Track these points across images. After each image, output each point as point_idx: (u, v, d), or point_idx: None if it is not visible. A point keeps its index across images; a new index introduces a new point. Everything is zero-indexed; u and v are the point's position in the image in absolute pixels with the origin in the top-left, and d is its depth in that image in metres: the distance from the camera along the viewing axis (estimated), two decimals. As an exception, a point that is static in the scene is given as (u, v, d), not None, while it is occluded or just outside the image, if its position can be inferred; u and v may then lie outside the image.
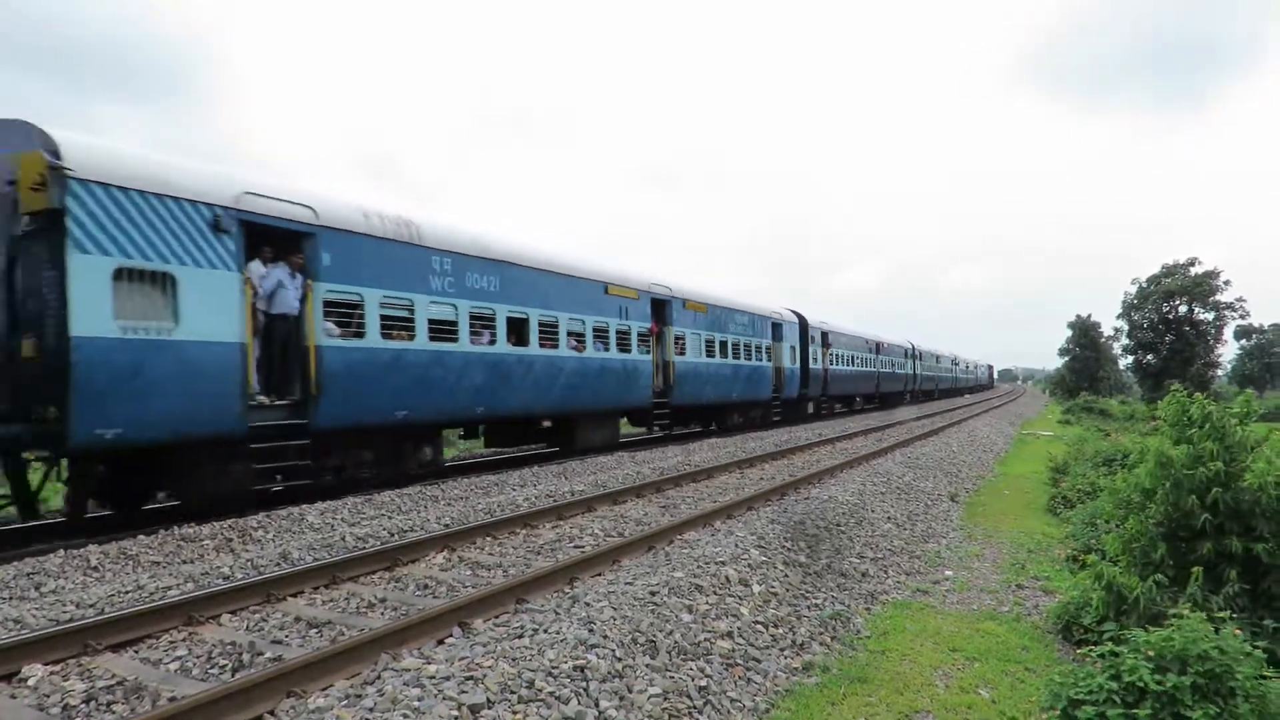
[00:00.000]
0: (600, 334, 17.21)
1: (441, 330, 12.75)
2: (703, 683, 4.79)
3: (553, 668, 4.41)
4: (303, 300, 10.46)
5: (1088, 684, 4.04)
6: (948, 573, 8.34)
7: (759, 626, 5.88)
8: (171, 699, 4.33)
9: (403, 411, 11.99)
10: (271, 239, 10.35)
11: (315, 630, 5.66)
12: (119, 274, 8.52)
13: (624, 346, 18.00)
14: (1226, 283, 55.61)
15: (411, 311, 12.17)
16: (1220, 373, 67.36)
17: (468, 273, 13.34)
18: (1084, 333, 75.80)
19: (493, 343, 13.86)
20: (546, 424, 17.12)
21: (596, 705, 4.21)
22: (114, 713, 4.36)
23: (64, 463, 9.05)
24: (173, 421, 8.96)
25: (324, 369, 10.64)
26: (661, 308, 19.84)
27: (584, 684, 4.35)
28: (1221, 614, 4.60)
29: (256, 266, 10.17)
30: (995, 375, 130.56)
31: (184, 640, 5.45)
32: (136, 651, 5.27)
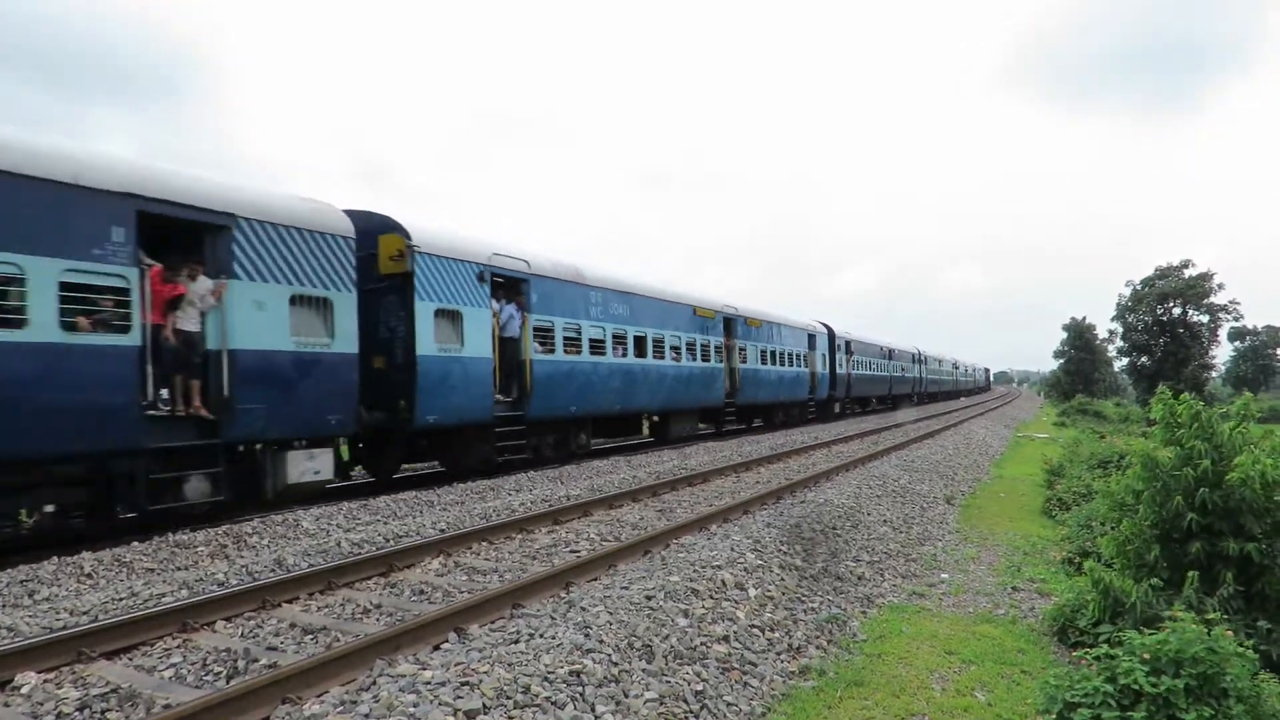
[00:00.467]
0: (690, 347, 21.56)
1: (596, 346, 17.34)
2: (699, 687, 4.78)
3: (549, 673, 4.40)
4: (521, 327, 14.97)
5: (1083, 687, 4.05)
6: (944, 575, 8.35)
7: (755, 630, 5.88)
8: (166, 706, 4.31)
9: (574, 407, 16.64)
10: (505, 285, 15.08)
11: (310, 636, 5.64)
12: (437, 313, 12.95)
13: (705, 357, 22.31)
14: (1220, 285, 55.90)
15: (579, 333, 16.74)
16: (1214, 374, 67.58)
17: (610, 303, 18.04)
18: (1079, 335, 76.02)
19: (624, 356, 18.39)
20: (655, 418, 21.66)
21: (593, 710, 4.20)
22: (108, 720, 4.34)
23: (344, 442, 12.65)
24: (460, 411, 13.45)
25: (533, 376, 15.18)
26: (730, 324, 24.24)
27: (580, 689, 4.35)
28: (1213, 615, 4.62)
29: (497, 305, 14.57)
30: (991, 377, 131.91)
31: (178, 647, 5.43)
32: (131, 659, 5.24)
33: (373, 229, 12.59)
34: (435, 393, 12.69)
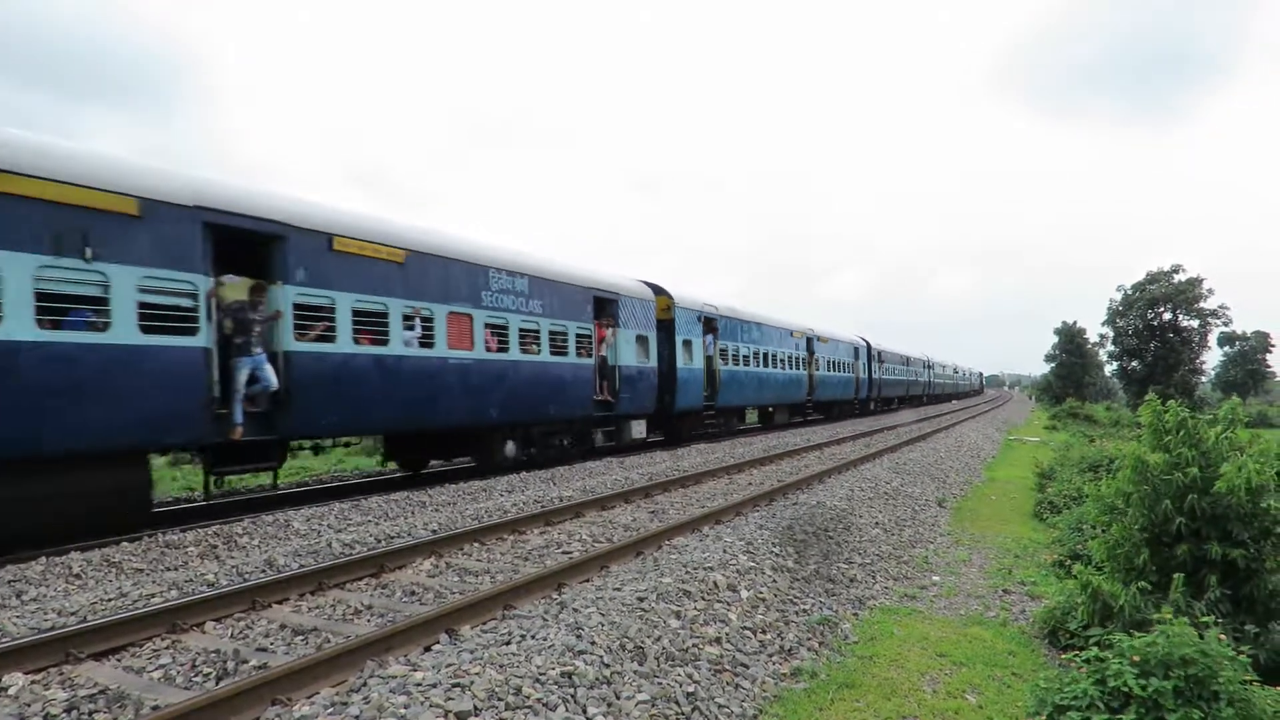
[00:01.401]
0: (790, 360, 30.07)
1: (758, 360, 26.67)
2: (691, 689, 4.78)
3: (540, 674, 4.40)
4: (714, 348, 22.91)
5: (1072, 689, 4.06)
6: (935, 578, 8.38)
7: (747, 632, 5.88)
8: (155, 708, 4.29)
9: (743, 400, 25.86)
10: (707, 322, 22.67)
11: (301, 637, 5.62)
12: (683, 342, 20.72)
13: (795, 366, 30.67)
14: (1210, 290, 56.23)
15: (746, 352, 25.57)
16: (1204, 379, 67.97)
17: (759, 331, 27.05)
18: (1070, 339, 76.34)
19: (763, 366, 27.18)
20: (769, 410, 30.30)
21: (584, 712, 4.20)
22: (96, 721, 4.31)
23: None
24: (691, 401, 21.54)
25: (720, 380, 23.24)
26: (810, 342, 32.71)
27: (571, 691, 4.34)
28: (1206, 619, 4.64)
29: (705, 336, 22.54)
30: (984, 381, 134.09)
31: (167, 648, 5.40)
32: (119, 660, 5.21)
33: (654, 293, 20.64)
34: (683, 391, 20.85)
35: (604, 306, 17.90)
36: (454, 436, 14.79)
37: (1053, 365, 78.80)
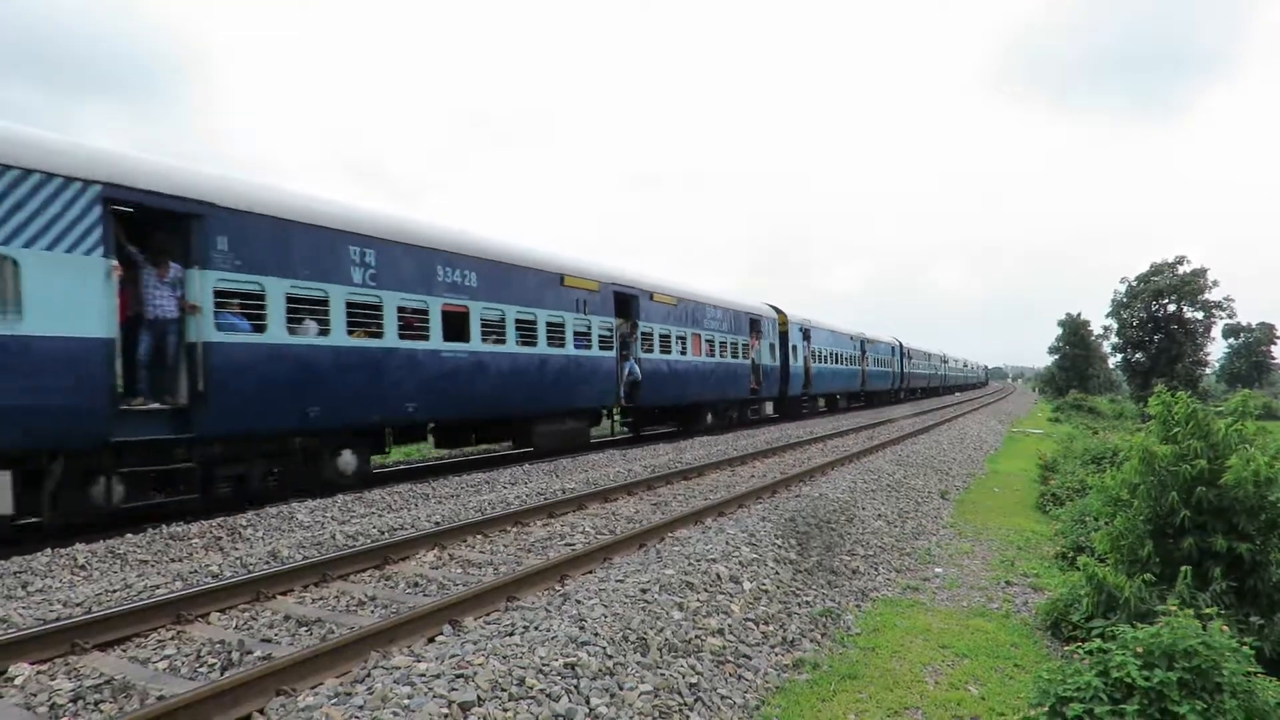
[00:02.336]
0: (851, 359, 37.62)
1: (828, 359, 33.98)
2: (693, 680, 4.79)
3: (543, 665, 4.41)
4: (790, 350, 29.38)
5: (1075, 681, 4.06)
6: (938, 570, 8.38)
7: (750, 624, 5.89)
8: (160, 698, 4.31)
9: (826, 387, 34.45)
10: (804, 333, 30.78)
11: (305, 628, 5.64)
12: (790, 348, 28.95)
13: (854, 363, 38.16)
14: (1214, 282, 56.01)
15: (805, 350, 31.33)
16: (1208, 371, 67.80)
17: (830, 335, 34.65)
18: (1073, 331, 76.18)
19: (835, 364, 34.40)
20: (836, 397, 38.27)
21: (587, 702, 4.21)
22: (101, 712, 4.33)
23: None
24: (791, 389, 29.18)
25: (791, 373, 28.85)
26: (862, 344, 39.79)
27: (575, 681, 4.35)
28: (1210, 610, 4.64)
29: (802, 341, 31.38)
30: (988, 374, 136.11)
31: (172, 639, 5.42)
32: (124, 650, 5.24)
33: (776, 313, 28.35)
34: (793, 383, 28.79)
35: (754, 324, 26.14)
36: (687, 410, 22.67)
37: (1056, 357, 78.68)
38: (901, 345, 49.83)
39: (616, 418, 20.95)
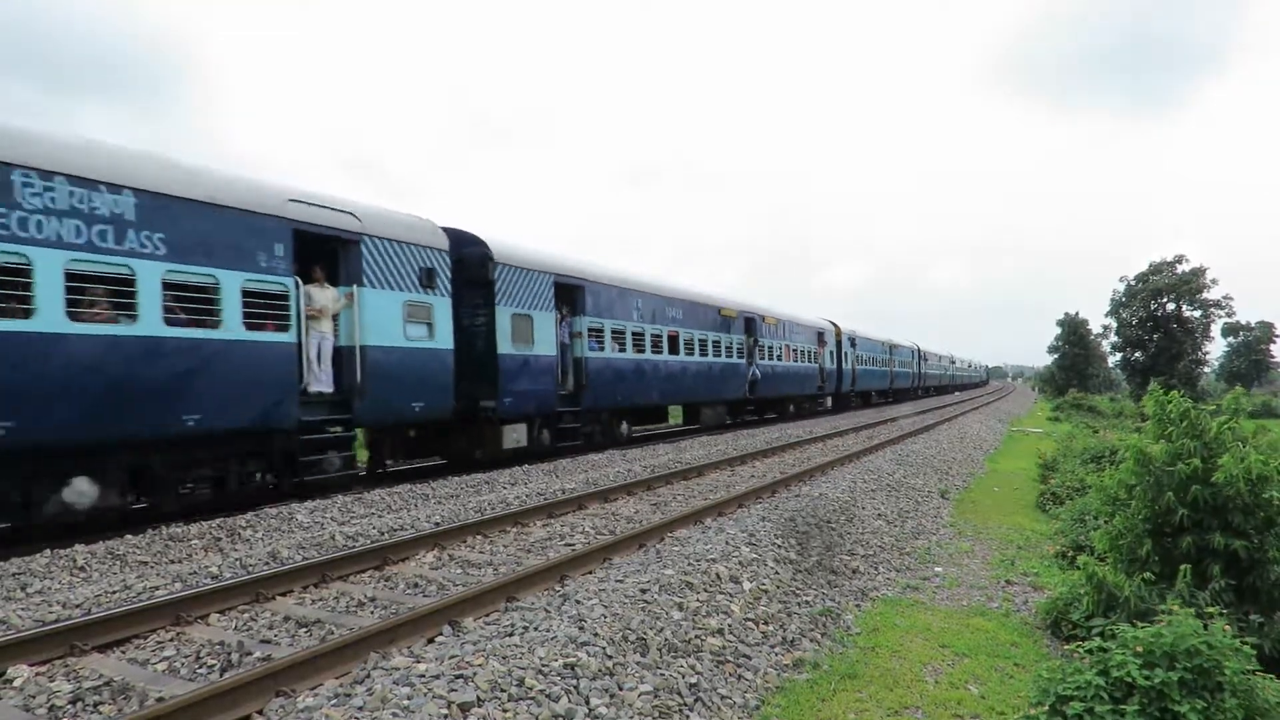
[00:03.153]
0: (881, 362, 43.89)
1: (866, 362, 41.56)
2: (693, 680, 4.79)
3: (543, 665, 4.40)
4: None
5: (1075, 680, 4.05)
6: (938, 569, 8.37)
7: (750, 623, 5.89)
8: (159, 699, 4.30)
9: (867, 384, 42.74)
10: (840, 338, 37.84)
11: (304, 629, 5.63)
12: (844, 353, 38.68)
13: (883, 365, 44.46)
14: (1213, 280, 56.04)
15: (864, 356, 41.90)
16: (1208, 370, 67.83)
17: (867, 342, 41.86)
18: (1073, 330, 76.21)
19: (870, 366, 41.87)
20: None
21: (587, 703, 4.20)
22: (101, 713, 4.33)
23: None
24: (829, 389, 37.15)
25: (824, 375, 35.47)
26: (890, 350, 46.44)
27: (574, 682, 4.35)
28: (1211, 609, 4.64)
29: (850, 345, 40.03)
30: (988, 372, 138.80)
31: (172, 640, 5.41)
32: (124, 652, 5.23)
33: (834, 326, 36.61)
34: (844, 381, 36.94)
35: (820, 336, 33.80)
36: (783, 401, 31.34)
37: (1055, 356, 78.71)
38: (919, 349, 57.90)
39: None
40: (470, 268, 14.43)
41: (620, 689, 4.43)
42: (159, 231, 9.14)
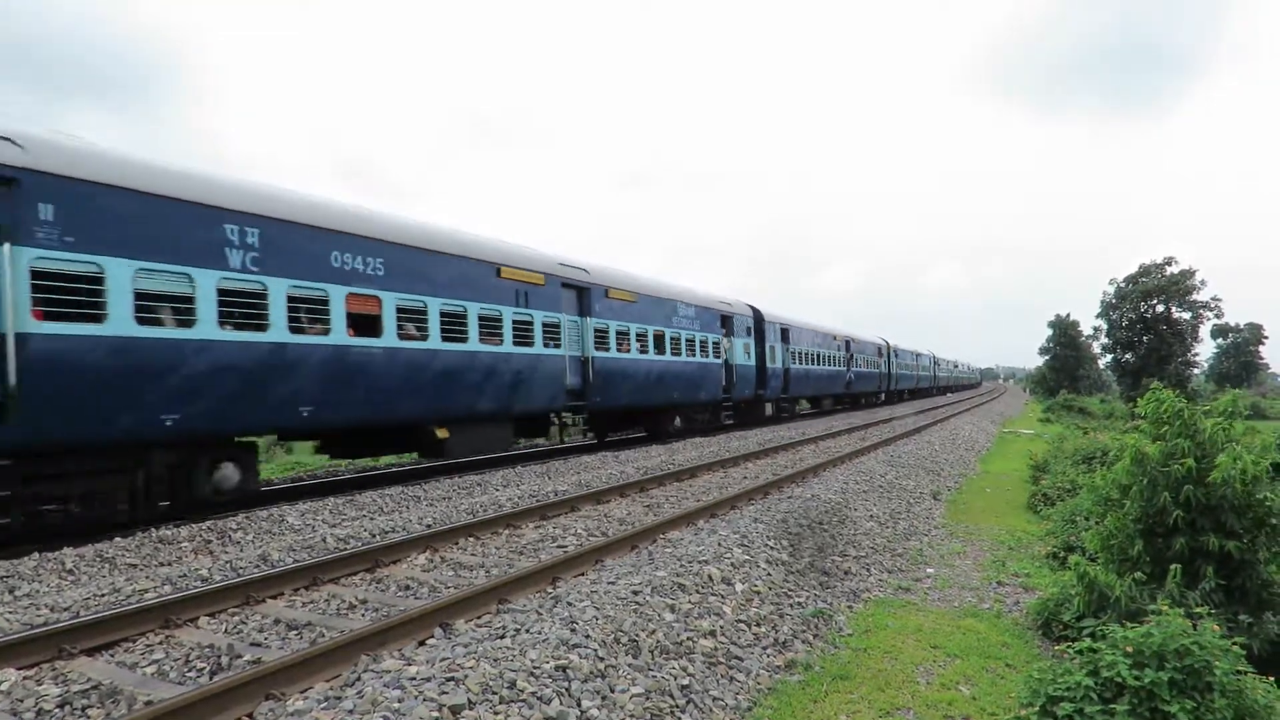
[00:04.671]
0: (908, 366, 56.57)
1: (898, 367, 53.82)
2: (685, 681, 4.78)
3: (534, 668, 4.39)
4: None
5: (1066, 680, 4.07)
6: (929, 570, 8.39)
7: (742, 625, 5.89)
8: (148, 703, 4.28)
9: (902, 386, 55.43)
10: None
11: (295, 632, 5.61)
12: (889, 359, 50.64)
13: (913, 370, 57.82)
14: (1202, 282, 56.37)
15: (904, 362, 56.88)
16: (1197, 371, 68.22)
17: (900, 351, 54.34)
18: (1063, 332, 76.55)
19: (898, 370, 53.02)
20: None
21: (578, 705, 4.19)
22: (89, 717, 4.30)
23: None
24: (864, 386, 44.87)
25: (878, 376, 48.01)
26: (919, 357, 59.65)
27: (566, 684, 4.34)
28: (1200, 609, 4.65)
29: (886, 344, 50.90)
30: (981, 375, 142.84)
31: (161, 643, 5.38)
32: (112, 655, 5.20)
33: (884, 339, 49.32)
34: (892, 380, 50.41)
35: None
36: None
37: (1047, 358, 79.02)
38: (934, 356, 64.66)
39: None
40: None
41: (612, 691, 4.42)
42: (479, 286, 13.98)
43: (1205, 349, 77.41)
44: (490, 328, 14.17)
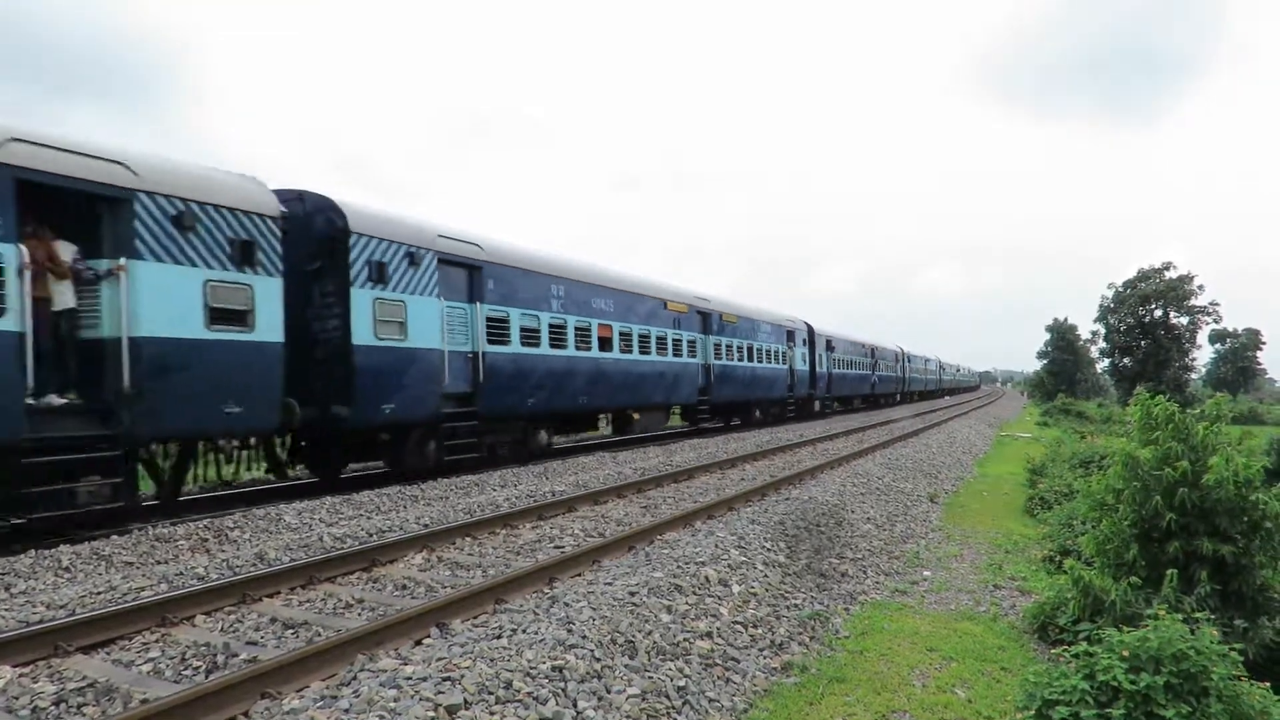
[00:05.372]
0: (930, 371, 68.40)
1: (915, 370, 61.98)
2: (681, 683, 4.78)
3: (531, 668, 4.39)
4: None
5: (1062, 684, 4.07)
6: (926, 573, 8.40)
7: (738, 627, 5.89)
8: (143, 701, 4.27)
9: (914, 389, 62.24)
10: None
11: (291, 631, 5.60)
12: (905, 364, 58.23)
13: (931, 374, 68.46)
14: (1200, 287, 56.46)
15: (918, 366, 64.92)
16: (1195, 376, 68.32)
17: (919, 359, 63.33)
18: (1061, 336, 76.66)
19: (913, 374, 59.31)
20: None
21: (574, 705, 4.19)
22: (84, 715, 4.29)
23: None
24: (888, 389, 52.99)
25: (894, 379, 53.38)
26: (938, 363, 73.75)
27: (562, 684, 4.34)
28: (1199, 614, 4.66)
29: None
30: (980, 379, 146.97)
31: (157, 641, 5.37)
32: (108, 653, 5.19)
33: (900, 347, 55.54)
34: (907, 384, 56.34)
35: (895, 356, 43.55)
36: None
37: (1045, 362, 79.11)
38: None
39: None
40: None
41: (608, 691, 4.42)
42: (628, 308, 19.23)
43: (1203, 354, 77.63)
44: (661, 344, 20.69)
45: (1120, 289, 59.64)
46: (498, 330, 14.44)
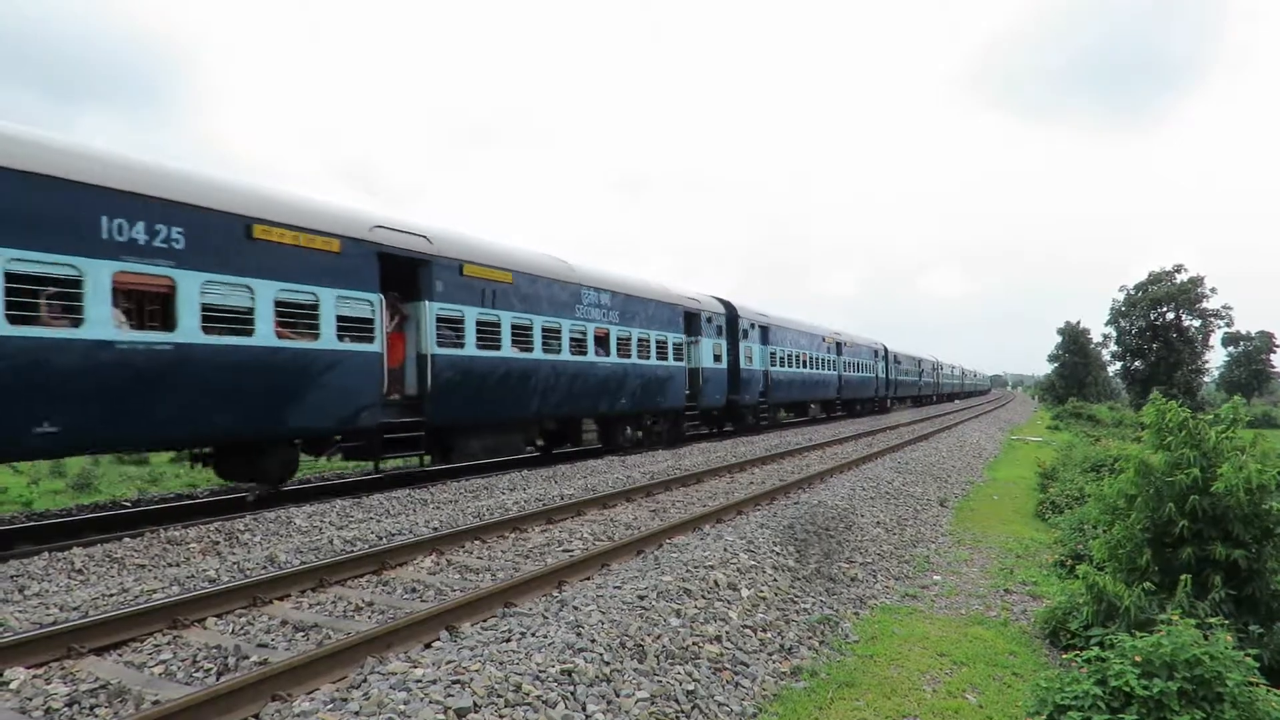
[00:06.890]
0: (949, 376, 76.48)
1: (940, 376, 70.95)
2: (690, 687, 4.78)
3: (540, 671, 4.39)
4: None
5: (1073, 689, 4.05)
6: (936, 577, 8.36)
7: (747, 631, 5.88)
8: (155, 702, 4.30)
9: (945, 391, 73.57)
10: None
11: (301, 634, 5.62)
12: (929, 370, 66.05)
13: (953, 379, 78.65)
14: (1212, 290, 56.13)
15: (948, 373, 75.55)
16: (1208, 379, 67.83)
17: (937, 365, 68.93)
18: (1073, 339, 76.22)
19: (935, 379, 67.36)
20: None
21: (584, 709, 4.19)
22: (97, 716, 4.31)
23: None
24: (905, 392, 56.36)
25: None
26: (953, 369, 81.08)
27: (571, 688, 4.34)
28: (1213, 620, 4.63)
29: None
30: (991, 382, 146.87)
31: (169, 643, 5.40)
32: (120, 655, 5.22)
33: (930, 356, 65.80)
34: (922, 389, 59.87)
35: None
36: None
37: (1056, 365, 78.71)
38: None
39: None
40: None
41: (617, 695, 4.42)
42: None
43: (1216, 357, 77.12)
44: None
45: (1132, 292, 59.37)
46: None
